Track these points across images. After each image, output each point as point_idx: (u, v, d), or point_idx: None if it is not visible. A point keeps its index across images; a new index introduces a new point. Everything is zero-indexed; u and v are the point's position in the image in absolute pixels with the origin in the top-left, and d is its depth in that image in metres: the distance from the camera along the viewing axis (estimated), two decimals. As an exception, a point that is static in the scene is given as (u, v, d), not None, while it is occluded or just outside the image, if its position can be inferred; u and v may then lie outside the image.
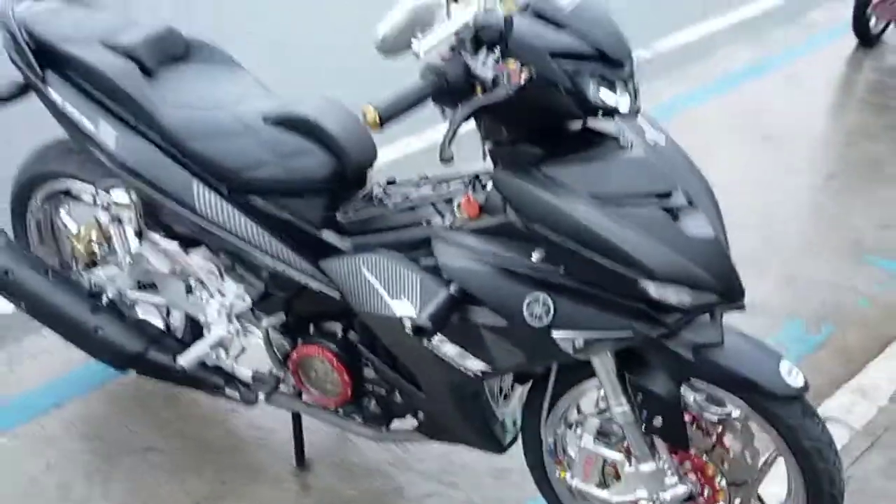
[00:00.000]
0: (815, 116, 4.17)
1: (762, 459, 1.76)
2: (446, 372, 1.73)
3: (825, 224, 3.30)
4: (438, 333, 1.67)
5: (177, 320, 2.28)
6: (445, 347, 1.69)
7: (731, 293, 1.52)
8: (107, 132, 1.92)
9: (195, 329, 2.21)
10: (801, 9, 5.26)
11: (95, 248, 2.21)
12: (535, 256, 1.54)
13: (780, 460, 1.73)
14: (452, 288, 1.61)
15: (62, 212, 2.39)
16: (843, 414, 2.38)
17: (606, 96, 1.46)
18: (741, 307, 1.57)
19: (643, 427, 1.69)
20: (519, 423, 1.95)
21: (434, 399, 1.83)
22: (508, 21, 1.42)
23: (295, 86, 2.44)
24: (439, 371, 1.74)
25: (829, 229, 3.26)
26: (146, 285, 2.21)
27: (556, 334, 1.54)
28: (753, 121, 3.91)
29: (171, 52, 1.99)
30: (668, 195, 1.51)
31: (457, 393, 1.77)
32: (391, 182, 1.91)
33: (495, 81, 1.41)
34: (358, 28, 2.38)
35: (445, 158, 1.44)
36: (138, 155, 1.90)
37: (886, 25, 4.71)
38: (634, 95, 1.51)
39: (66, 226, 2.37)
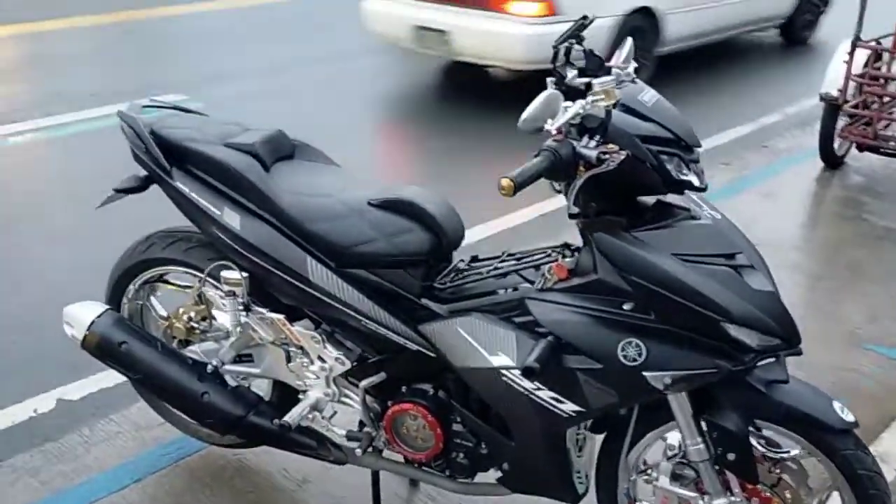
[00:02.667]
0: (796, 227, 4.58)
1: (819, 495, 2.00)
2: (540, 416, 1.97)
3: (822, 318, 3.64)
4: (536, 381, 1.93)
5: (264, 391, 2.48)
6: (541, 393, 1.94)
7: (791, 339, 1.81)
8: (231, 216, 2.19)
9: (282, 399, 2.42)
10: (765, 137, 5.84)
11: (194, 325, 2.43)
12: (627, 307, 1.83)
13: (835, 495, 1.97)
14: (550, 338, 1.88)
15: (153, 299, 2.63)
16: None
17: (684, 174, 1.79)
18: (799, 352, 1.86)
19: (717, 463, 1.93)
20: (591, 475, 2.17)
21: (523, 446, 2.05)
22: (608, 113, 1.76)
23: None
24: (533, 416, 1.97)
25: (826, 322, 3.60)
26: (242, 358, 2.42)
27: (648, 374, 1.81)
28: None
29: (282, 151, 2.29)
30: (733, 256, 1.82)
31: (546, 436, 2.00)
32: (475, 258, 2.21)
33: (599, 159, 1.73)
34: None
35: (572, 214, 1.79)
36: (260, 235, 2.17)
37: (848, 149, 5.24)
38: (701, 175, 1.84)
39: (157, 309, 2.60)
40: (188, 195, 2.24)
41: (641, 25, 6.46)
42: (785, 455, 1.98)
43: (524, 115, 1.74)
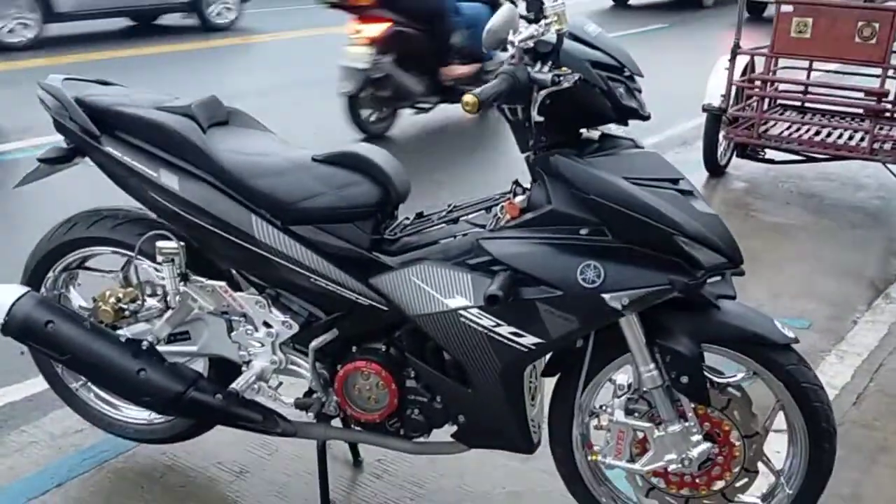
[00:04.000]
0: (692, 229, 4.82)
1: (764, 420, 2.08)
2: (499, 355, 1.97)
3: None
4: (493, 318, 1.94)
5: (201, 370, 2.38)
6: (500, 329, 1.95)
7: (736, 258, 1.90)
8: (169, 178, 2.12)
9: (220, 378, 2.32)
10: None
11: (123, 306, 2.32)
12: (583, 231, 1.87)
13: (781, 415, 2.06)
14: (507, 272, 1.90)
15: (72, 289, 2.50)
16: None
17: (630, 101, 1.88)
18: (742, 273, 1.95)
19: (670, 387, 1.98)
20: (544, 426, 2.19)
21: (481, 392, 2.04)
22: (560, 38, 1.83)
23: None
24: (492, 355, 1.98)
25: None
26: (176, 337, 2.32)
27: (607, 296, 1.85)
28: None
29: (217, 116, 2.24)
30: (677, 181, 1.90)
31: (505, 377, 2.00)
32: (420, 214, 2.21)
33: (553, 81, 1.79)
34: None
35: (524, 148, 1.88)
36: (201, 195, 2.10)
37: (730, 159, 5.58)
38: (644, 105, 1.93)
39: (77, 301, 2.47)
40: (121, 159, 2.16)
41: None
42: (731, 380, 2.05)
43: (487, 29, 1.79)
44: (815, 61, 5.43)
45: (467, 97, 1.70)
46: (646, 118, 1.92)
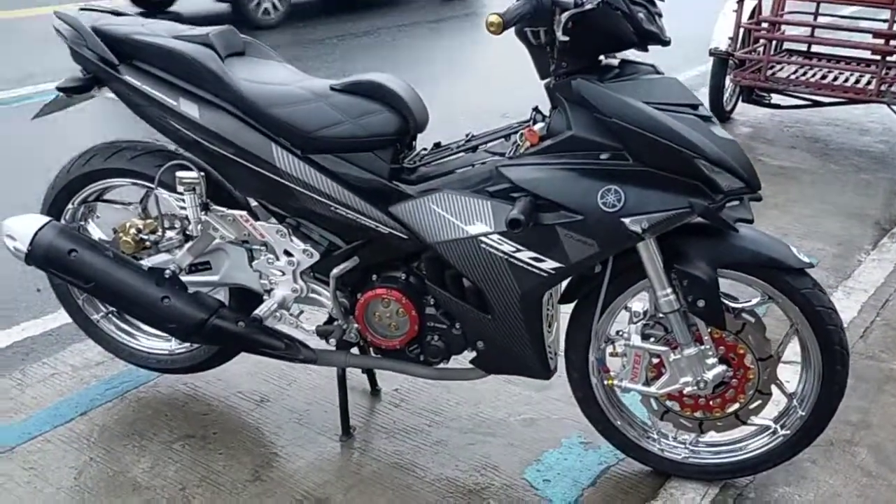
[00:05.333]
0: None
1: (778, 345, 2.12)
2: (518, 280, 2.00)
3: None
4: (513, 243, 1.97)
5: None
6: (520, 254, 1.98)
7: (754, 183, 1.92)
8: (189, 106, 2.13)
9: (242, 307, 2.36)
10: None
11: (144, 237, 2.34)
12: (604, 156, 1.89)
13: (795, 340, 2.10)
14: (528, 197, 1.92)
15: (91, 222, 2.52)
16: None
17: (651, 26, 1.88)
18: (759, 198, 1.98)
19: (688, 311, 2.02)
20: (560, 354, 2.23)
21: (500, 318, 2.08)
22: None
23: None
24: (511, 281, 2.01)
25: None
26: (197, 267, 2.35)
27: (627, 219, 1.88)
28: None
29: (234, 46, 2.24)
30: (696, 107, 1.92)
31: (524, 302, 2.03)
32: (437, 144, 2.23)
33: (575, 3, 1.79)
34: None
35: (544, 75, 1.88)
36: (222, 123, 2.11)
37: (735, 104, 5.57)
38: (664, 30, 1.94)
39: (95, 233, 2.50)
40: (140, 88, 2.16)
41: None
42: (746, 305, 2.09)
43: None
44: (823, 3, 5.40)
45: (491, 17, 1.71)
46: (666, 43, 1.93)
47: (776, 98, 5.45)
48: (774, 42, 5.32)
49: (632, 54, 2.00)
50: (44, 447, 2.37)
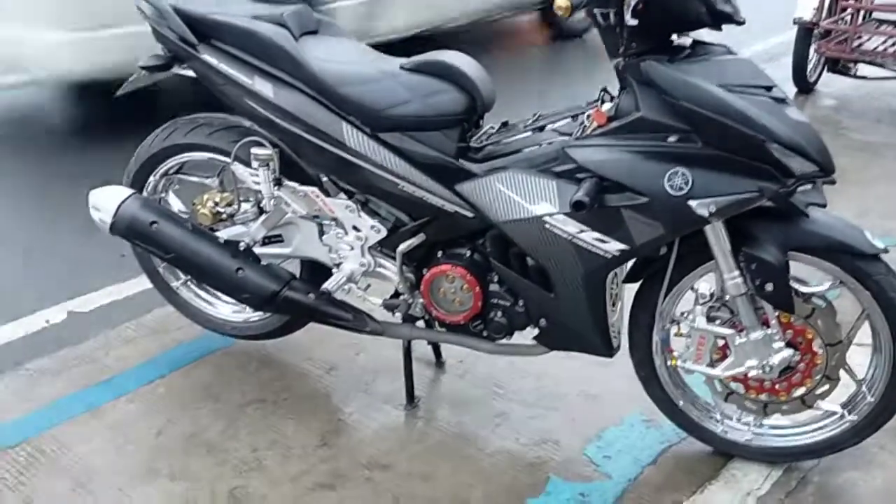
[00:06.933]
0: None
1: (849, 330, 2.08)
2: (583, 260, 2.01)
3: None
4: (578, 224, 1.98)
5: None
6: (585, 235, 1.99)
7: (828, 167, 1.88)
8: (263, 85, 2.19)
9: (312, 280, 2.43)
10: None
11: (220, 210, 2.42)
12: (672, 139, 1.88)
13: (865, 325, 2.06)
14: (593, 179, 1.92)
15: (171, 193, 2.62)
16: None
17: (724, 6, 1.85)
18: (833, 181, 1.94)
19: (755, 294, 2.00)
20: (623, 332, 2.23)
21: (563, 297, 2.09)
22: None
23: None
24: (576, 261, 2.02)
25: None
26: (270, 240, 2.43)
27: (693, 202, 1.86)
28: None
29: (308, 25, 2.29)
30: (770, 89, 1.88)
31: (587, 282, 2.04)
32: (505, 123, 2.24)
33: None
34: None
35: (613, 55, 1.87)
36: (294, 102, 2.17)
37: (820, 74, 5.39)
38: (738, 10, 1.90)
39: (175, 205, 2.59)
40: (217, 66, 2.23)
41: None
42: (816, 290, 2.06)
43: None
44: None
45: (560, 0, 1.70)
46: (741, 23, 1.89)
47: (863, 69, 5.24)
48: (862, 11, 5.10)
49: (706, 34, 1.97)
50: (126, 407, 2.50)
